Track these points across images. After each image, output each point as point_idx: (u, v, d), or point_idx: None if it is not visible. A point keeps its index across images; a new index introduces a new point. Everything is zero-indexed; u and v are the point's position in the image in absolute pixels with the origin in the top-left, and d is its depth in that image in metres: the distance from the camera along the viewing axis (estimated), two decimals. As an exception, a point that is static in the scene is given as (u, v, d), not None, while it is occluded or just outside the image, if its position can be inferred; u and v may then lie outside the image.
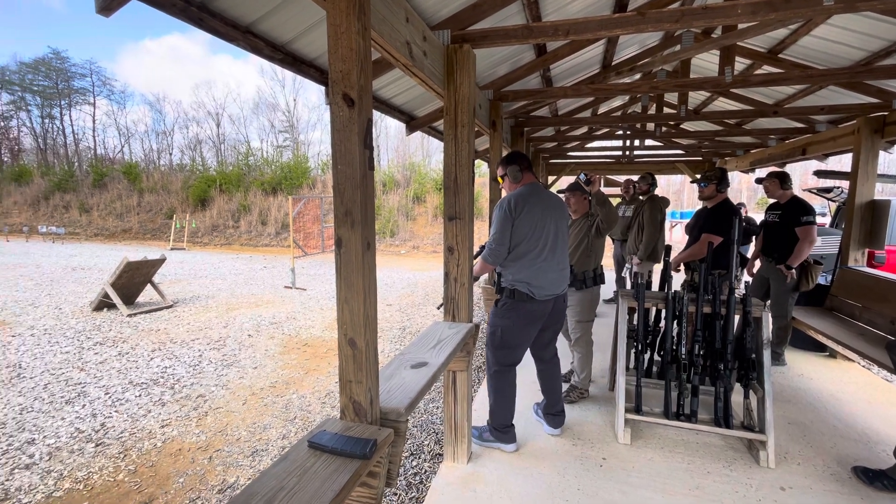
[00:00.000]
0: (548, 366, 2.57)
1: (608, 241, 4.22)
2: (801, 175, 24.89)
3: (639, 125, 6.33)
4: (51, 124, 49.09)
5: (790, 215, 3.37)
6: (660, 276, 2.92)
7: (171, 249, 15.13)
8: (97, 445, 2.96)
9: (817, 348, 3.91)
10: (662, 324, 2.71)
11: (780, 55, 3.75)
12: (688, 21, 1.91)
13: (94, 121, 49.73)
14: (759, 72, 4.19)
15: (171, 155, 50.06)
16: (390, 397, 1.39)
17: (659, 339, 2.81)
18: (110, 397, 3.68)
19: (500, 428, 2.42)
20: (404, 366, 1.68)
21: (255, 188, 20.25)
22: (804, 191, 7.53)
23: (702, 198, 3.40)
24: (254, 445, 2.97)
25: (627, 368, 2.66)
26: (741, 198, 21.95)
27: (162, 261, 6.70)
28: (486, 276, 3.64)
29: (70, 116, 49.65)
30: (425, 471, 2.58)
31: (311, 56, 2.25)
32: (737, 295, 2.45)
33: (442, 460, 2.39)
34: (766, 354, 2.40)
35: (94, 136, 50.08)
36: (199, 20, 1.50)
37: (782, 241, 3.40)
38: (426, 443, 2.94)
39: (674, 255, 3.16)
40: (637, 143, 7.13)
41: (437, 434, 3.05)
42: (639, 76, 5.03)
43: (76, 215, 21.89)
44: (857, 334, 3.19)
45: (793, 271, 3.34)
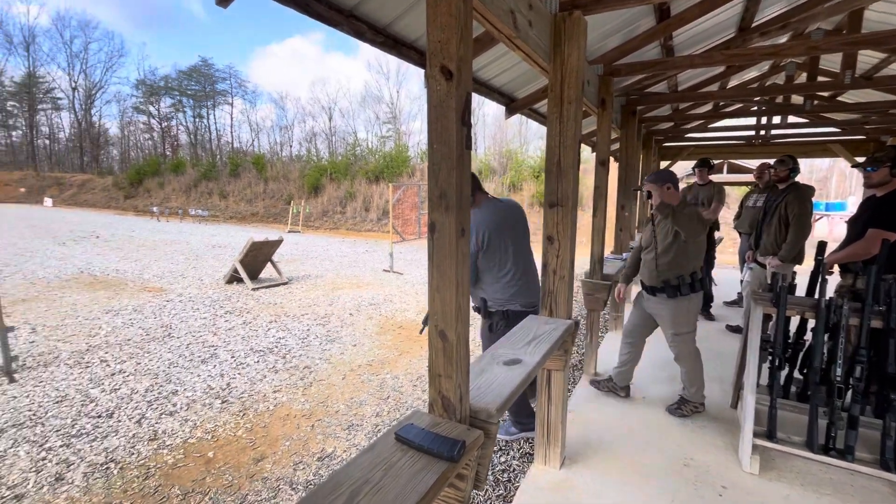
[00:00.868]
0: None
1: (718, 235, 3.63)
2: None
3: (781, 98, 5.35)
4: (200, 122, 57.55)
5: None
6: (809, 278, 2.41)
7: (289, 232, 16.86)
8: (223, 402, 3.37)
9: None
10: (808, 336, 2.24)
11: None
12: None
13: (231, 118, 57.21)
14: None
15: (290, 147, 55.70)
16: (481, 395, 1.30)
17: (803, 354, 2.33)
18: (235, 361, 4.17)
19: (525, 420, 2.59)
20: (496, 362, 1.58)
21: (360, 176, 21.61)
22: None
23: (869, 185, 2.72)
24: (350, 420, 3.13)
25: (758, 385, 2.25)
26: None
27: (280, 242, 7.45)
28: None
29: (214, 115, 57.66)
30: (514, 469, 2.48)
31: (410, 38, 2.22)
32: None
33: (532, 461, 2.27)
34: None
35: (231, 132, 57.63)
36: (306, 5, 1.52)
37: None
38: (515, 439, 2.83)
39: (828, 253, 2.59)
40: (777, 120, 6.06)
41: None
42: (786, 38, 4.22)
43: (216, 200, 25.51)
44: None
45: None
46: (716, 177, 9.53)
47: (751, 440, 2.14)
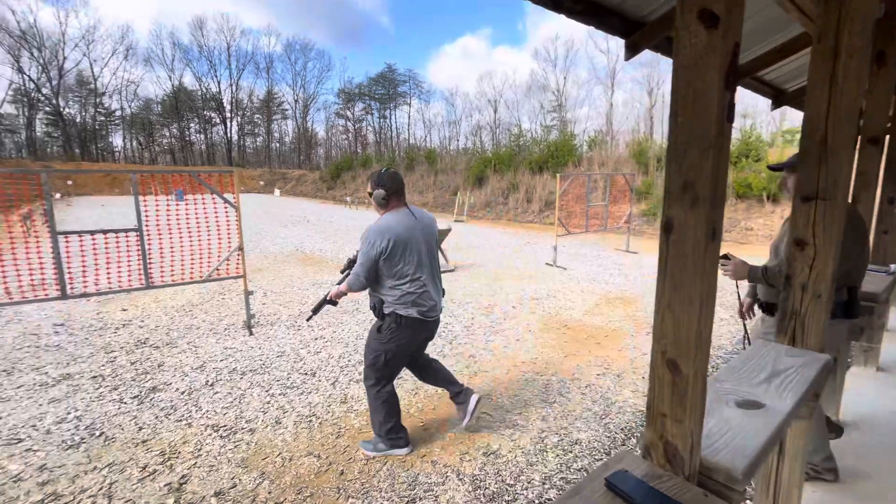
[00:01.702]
0: (428, 365, 2.84)
1: None
2: None
3: None
4: (384, 122, 65.28)
5: None
6: None
7: (455, 221, 17.83)
8: (399, 378, 3.64)
9: None
10: None
11: None
12: None
13: (409, 117, 63.29)
14: None
15: (458, 140, 58.96)
16: (712, 447, 1.00)
17: None
18: (408, 340, 4.50)
19: (393, 437, 2.57)
20: (724, 401, 1.22)
21: (523, 167, 21.48)
22: None
23: None
24: (514, 419, 3.03)
25: None
26: None
27: (448, 231, 7.84)
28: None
29: (395, 115, 64.67)
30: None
31: (614, 1, 1.91)
32: None
33: (747, 523, 1.79)
34: None
35: (408, 129, 63.84)
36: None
37: None
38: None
39: None
40: None
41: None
42: None
43: (395, 191, 28.63)
44: None
45: None
46: None
47: None
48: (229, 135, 59.51)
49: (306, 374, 3.73)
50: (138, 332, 4.73)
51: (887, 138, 2.90)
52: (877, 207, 2.98)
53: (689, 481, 0.92)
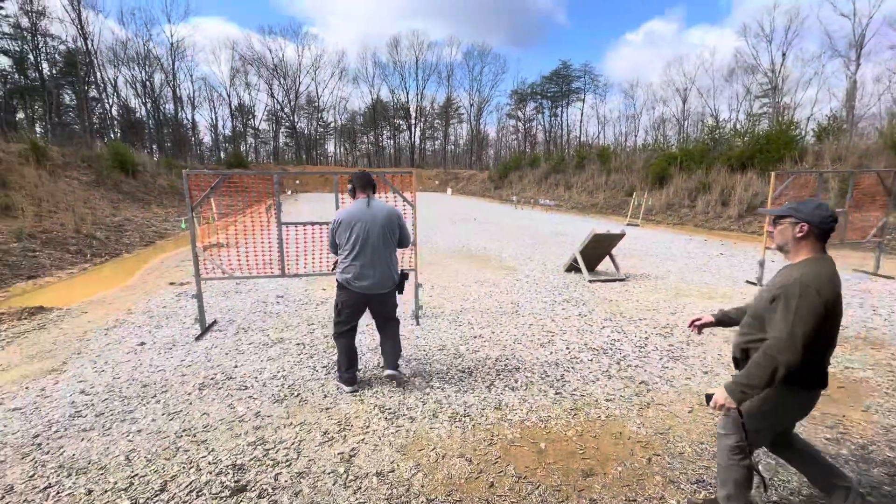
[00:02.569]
0: (384, 337, 3.52)
1: None
2: None
3: None
4: (554, 121, 63.86)
5: None
6: None
7: (627, 225, 16.24)
8: (556, 393, 3.39)
9: None
10: None
11: None
12: None
13: (581, 114, 60.53)
14: None
15: (636, 136, 53.85)
16: None
17: None
18: (569, 353, 4.18)
19: (343, 376, 3.43)
20: None
21: (719, 164, 18.24)
22: None
23: None
24: (699, 472, 2.47)
25: None
26: None
27: (622, 236, 7.09)
28: None
29: (567, 112, 62.65)
30: None
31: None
32: None
33: None
34: None
35: (580, 126, 61.11)
36: None
37: None
38: None
39: None
40: None
41: None
42: None
43: (562, 191, 27.70)
44: None
45: None
46: None
47: None
48: (413, 139, 66.51)
49: (463, 371, 3.78)
50: (333, 310, 5.55)
51: None
52: None
53: None
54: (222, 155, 53.87)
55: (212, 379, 3.63)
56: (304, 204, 25.44)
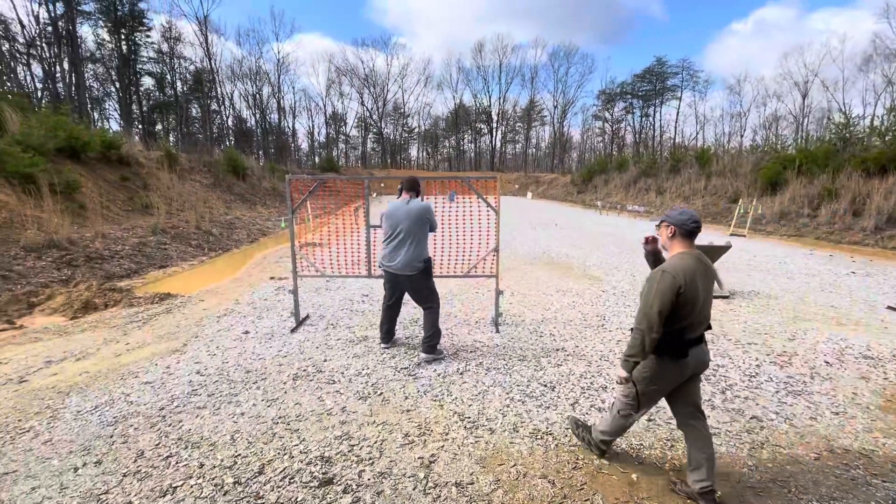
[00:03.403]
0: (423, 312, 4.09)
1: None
2: None
3: None
4: (645, 121, 59.88)
5: None
6: None
7: (731, 235, 14.64)
8: (649, 420, 3.10)
9: None
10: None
11: None
12: None
13: (677, 113, 56.01)
14: None
15: (741, 136, 48.53)
16: None
17: None
18: (664, 375, 3.81)
19: (381, 335, 4.40)
20: None
21: (849, 168, 15.71)
22: None
23: None
24: (833, 535, 2.09)
25: None
26: None
27: (727, 248, 6.37)
28: None
29: (660, 112, 58.45)
30: None
31: None
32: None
33: None
34: None
35: (674, 127, 56.62)
36: None
37: None
38: None
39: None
40: None
41: None
42: None
43: (652, 197, 25.79)
44: None
45: None
46: None
47: None
48: (493, 143, 66.41)
49: (545, 385, 3.63)
50: (413, 311, 5.66)
51: None
52: None
53: None
54: (317, 160, 58.20)
55: (304, 371, 3.88)
56: (387, 206, 26.66)
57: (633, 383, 2.31)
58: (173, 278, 8.57)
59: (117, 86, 41.64)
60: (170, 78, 44.85)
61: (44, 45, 34.81)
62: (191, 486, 2.41)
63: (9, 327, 5.37)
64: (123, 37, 39.75)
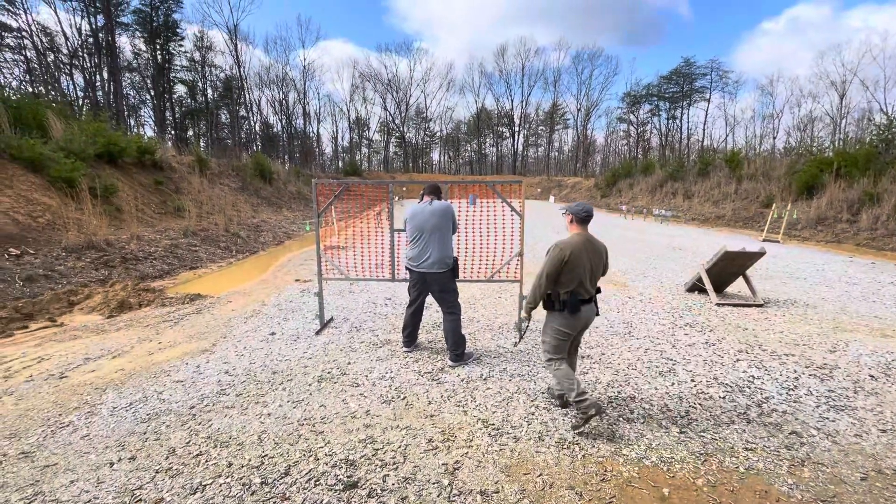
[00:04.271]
0: (444, 317, 4.12)
1: None
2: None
3: None
4: (672, 124, 58.50)
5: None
6: None
7: (763, 241, 14.11)
8: (681, 432, 2.99)
9: None
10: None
11: None
12: None
13: (705, 115, 54.56)
14: None
15: (773, 138, 46.85)
16: None
17: None
18: (696, 386, 3.69)
19: (403, 338, 4.45)
20: None
21: (893, 171, 14.96)
22: None
23: None
24: (884, 562, 1.97)
25: None
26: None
27: (761, 255, 6.13)
28: None
29: (687, 115, 57.02)
30: None
31: None
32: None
33: None
34: None
35: (703, 129, 55.14)
36: None
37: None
38: None
39: None
40: None
41: None
42: None
43: (680, 201, 25.13)
44: None
45: None
46: None
47: None
48: (516, 146, 66.07)
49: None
50: (436, 315, 5.65)
51: None
52: None
53: None
54: (340, 164, 59.16)
55: (328, 373, 3.92)
56: (410, 209, 26.77)
57: (528, 319, 3.30)
58: (203, 279, 8.82)
59: (152, 93, 43.42)
60: (201, 85, 46.50)
61: (85, 55, 36.62)
62: (220, 485, 2.45)
63: (50, 325, 5.62)
64: (158, 47, 41.47)
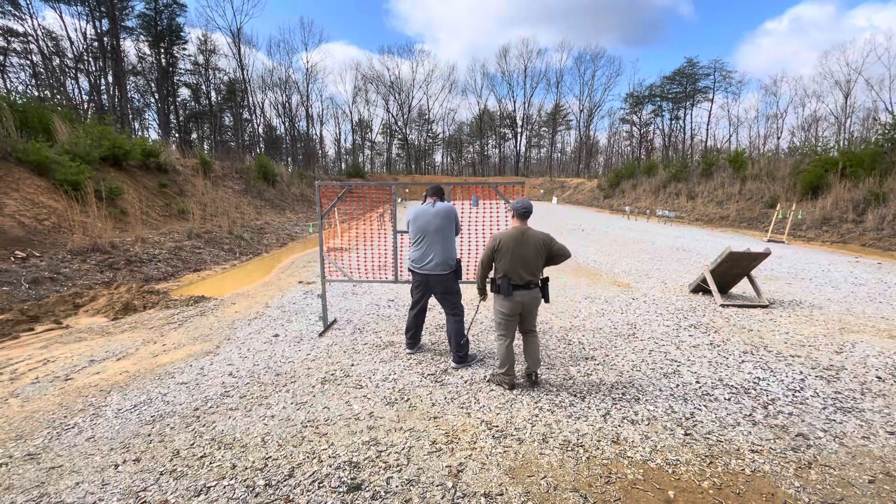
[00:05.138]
0: (447, 319, 4.11)
1: None
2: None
3: None
4: (675, 124, 58.33)
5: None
6: None
7: (768, 241, 14.04)
8: (686, 434, 2.98)
9: None
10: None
11: None
12: None
13: (709, 115, 54.40)
14: None
15: (777, 138, 46.64)
16: None
17: None
18: (700, 388, 3.67)
19: (406, 339, 4.50)
20: None
21: (899, 170, 14.86)
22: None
23: None
24: (893, 565, 1.95)
25: None
26: None
27: (766, 255, 6.09)
28: None
29: (690, 115, 56.86)
30: None
31: None
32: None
33: None
34: None
35: (706, 130, 54.96)
36: None
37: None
38: None
39: None
40: None
41: None
42: None
43: (683, 202, 25.04)
44: None
45: None
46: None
47: None
48: (518, 147, 66.07)
49: (575, 395, 3.54)
50: (439, 317, 5.65)
51: None
52: None
53: None
54: (343, 166, 59.29)
55: (332, 374, 3.92)
56: (411, 211, 26.81)
57: (481, 297, 3.81)
58: (207, 281, 8.84)
59: (156, 97, 43.69)
60: (205, 88, 46.69)
61: (90, 59, 36.89)
62: (224, 487, 2.45)
63: (56, 327, 5.65)
64: (162, 50, 41.69)
